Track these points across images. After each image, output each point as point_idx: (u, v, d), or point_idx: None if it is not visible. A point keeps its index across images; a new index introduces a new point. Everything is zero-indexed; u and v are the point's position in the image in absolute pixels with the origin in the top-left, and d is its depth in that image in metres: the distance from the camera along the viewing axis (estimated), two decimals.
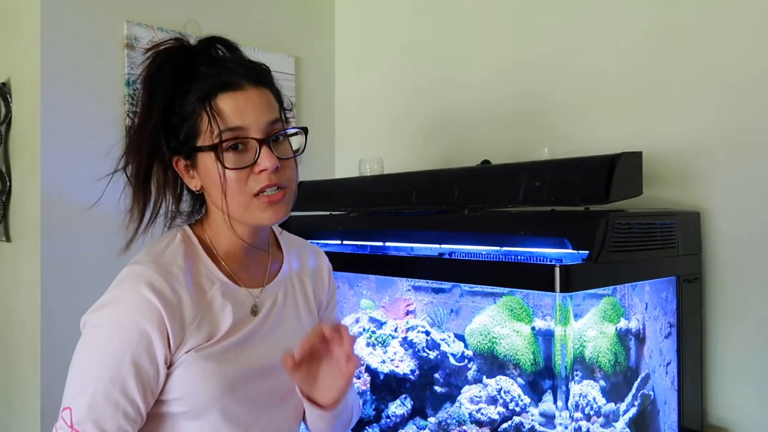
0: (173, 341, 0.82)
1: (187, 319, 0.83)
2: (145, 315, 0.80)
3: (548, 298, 1.20)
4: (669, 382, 1.24)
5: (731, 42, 1.30)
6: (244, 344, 0.88)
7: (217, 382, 0.84)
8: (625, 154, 1.09)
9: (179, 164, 0.88)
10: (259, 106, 0.84)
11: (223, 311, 0.87)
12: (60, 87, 1.66)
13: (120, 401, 0.79)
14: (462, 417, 1.25)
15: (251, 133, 0.83)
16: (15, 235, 1.81)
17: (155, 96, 0.84)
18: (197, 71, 0.84)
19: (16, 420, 1.80)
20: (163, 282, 0.82)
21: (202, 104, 0.83)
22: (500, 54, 1.76)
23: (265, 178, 0.83)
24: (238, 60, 0.88)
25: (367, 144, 2.19)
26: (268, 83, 0.89)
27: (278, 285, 0.96)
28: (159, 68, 0.85)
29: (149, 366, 0.80)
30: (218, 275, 0.89)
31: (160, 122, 0.84)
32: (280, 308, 0.95)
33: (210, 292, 0.87)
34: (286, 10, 2.18)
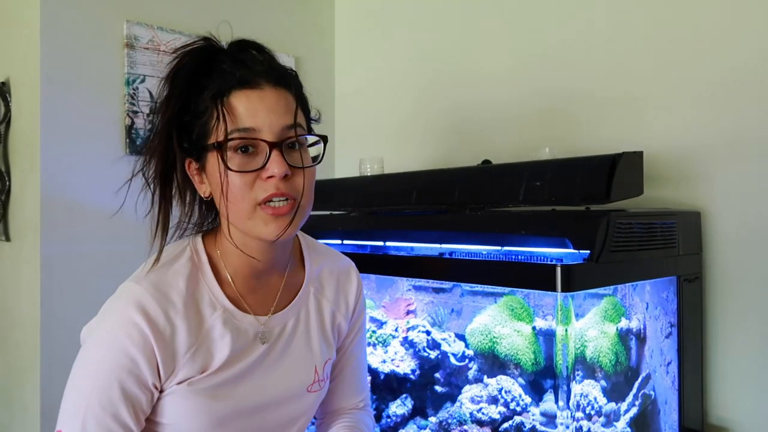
0: (163, 371, 0.78)
1: (179, 350, 0.79)
2: (134, 342, 0.76)
3: (549, 298, 1.20)
4: (670, 381, 1.24)
5: (732, 41, 1.30)
6: (244, 377, 0.84)
7: (206, 418, 0.81)
8: (626, 154, 1.09)
9: (191, 167, 0.83)
10: (275, 107, 0.78)
11: (221, 341, 0.82)
12: (59, 86, 1.66)
13: (112, 426, 0.76)
14: (463, 417, 1.25)
15: (263, 136, 0.77)
16: (14, 234, 1.81)
17: (173, 93, 0.79)
18: (218, 68, 0.79)
19: (15, 420, 1.79)
20: (157, 308, 0.77)
21: (215, 101, 0.77)
22: (501, 54, 1.75)
23: (272, 185, 0.76)
24: (261, 60, 0.81)
25: (367, 144, 2.19)
26: (291, 86, 0.82)
27: (291, 311, 0.90)
28: (181, 66, 0.79)
29: (139, 391, 0.77)
30: (222, 300, 0.83)
31: (176, 122, 0.79)
32: (288, 337, 0.88)
33: (210, 319, 0.81)
34: (287, 10, 2.18)
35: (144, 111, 1.79)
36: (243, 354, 0.84)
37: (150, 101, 1.80)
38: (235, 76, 0.77)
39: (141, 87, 1.78)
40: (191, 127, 0.79)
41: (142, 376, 0.77)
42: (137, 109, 1.78)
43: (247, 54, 0.81)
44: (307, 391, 0.90)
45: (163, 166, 0.81)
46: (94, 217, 1.69)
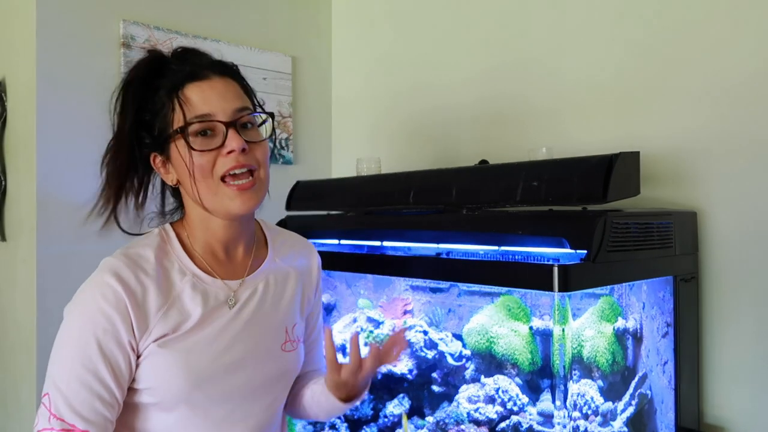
0: (137, 329, 0.84)
1: (151, 309, 0.85)
2: (108, 301, 0.83)
3: (546, 298, 1.20)
4: (666, 381, 1.24)
5: (728, 42, 1.31)
6: (217, 337, 0.90)
7: (184, 376, 0.86)
8: (622, 154, 1.10)
9: (156, 161, 0.91)
10: (225, 93, 0.88)
11: (192, 302, 0.88)
12: (55, 86, 1.65)
13: (93, 385, 0.82)
14: (460, 416, 1.25)
15: (217, 118, 0.86)
16: (10, 234, 1.80)
17: (128, 99, 0.89)
18: (168, 69, 0.89)
19: (11, 421, 1.79)
20: (128, 272, 0.85)
21: (170, 96, 0.86)
22: (498, 53, 1.76)
23: (232, 159, 0.85)
24: (204, 56, 0.92)
25: (364, 144, 2.19)
26: (235, 75, 0.92)
27: (258, 277, 0.97)
28: (134, 76, 0.89)
29: (117, 350, 0.83)
30: (191, 267, 0.91)
31: (136, 123, 0.89)
32: (259, 301, 0.95)
33: (180, 283, 0.89)
34: (283, 10, 2.18)
35: None
36: (214, 315, 0.90)
37: None
38: (185, 71, 0.88)
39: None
40: (152, 124, 0.89)
41: (118, 335, 0.83)
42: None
43: (189, 55, 0.92)
44: (282, 350, 0.97)
45: (126, 165, 0.90)
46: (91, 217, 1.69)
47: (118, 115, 0.90)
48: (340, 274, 1.58)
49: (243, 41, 2.04)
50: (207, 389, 0.88)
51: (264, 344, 0.95)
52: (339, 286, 1.63)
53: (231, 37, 2.01)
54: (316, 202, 1.63)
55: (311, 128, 2.27)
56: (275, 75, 2.12)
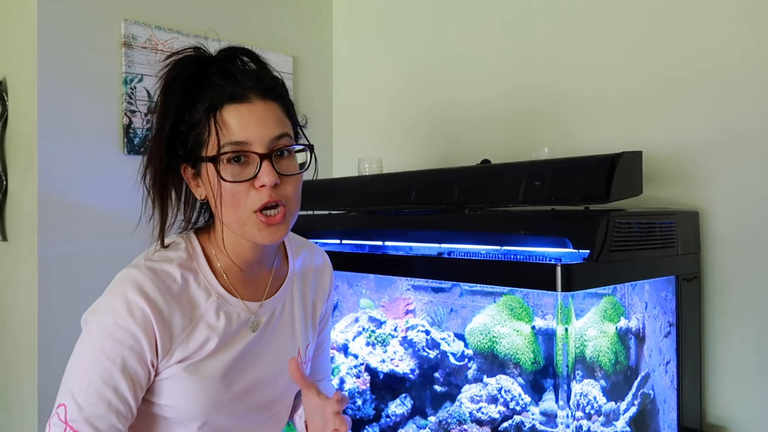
0: (161, 350, 0.83)
1: (176, 330, 0.84)
2: (136, 320, 0.81)
3: (548, 298, 1.20)
4: (668, 381, 1.24)
5: (730, 42, 1.31)
6: (237, 362, 0.89)
7: (203, 399, 0.86)
8: (625, 154, 1.09)
9: (187, 172, 0.88)
10: (265, 120, 0.83)
11: (215, 325, 0.87)
12: (57, 85, 1.65)
13: (112, 400, 0.81)
14: (462, 416, 1.25)
15: (254, 148, 0.82)
16: (11, 234, 1.80)
17: (169, 104, 0.84)
18: (209, 81, 0.84)
19: (13, 421, 1.79)
20: (156, 290, 0.83)
21: (207, 115, 0.82)
22: (499, 53, 1.76)
23: (265, 194, 0.82)
24: (249, 72, 0.86)
25: (366, 143, 2.19)
26: (278, 97, 0.87)
27: (278, 299, 0.96)
28: (175, 77, 0.84)
29: (139, 368, 0.83)
30: (216, 287, 0.89)
31: (172, 130, 0.85)
32: (276, 323, 0.95)
33: (204, 304, 0.87)
34: (284, 10, 2.18)
35: (142, 110, 1.79)
36: (235, 339, 0.89)
37: (148, 100, 1.80)
38: (226, 90, 0.82)
39: (139, 86, 1.78)
40: (186, 137, 0.85)
41: (142, 353, 0.82)
42: (135, 108, 1.77)
43: (235, 64, 0.86)
44: None
45: (161, 170, 0.86)
46: (92, 217, 1.69)
47: (157, 115, 0.86)
48: (342, 274, 1.58)
49: (244, 41, 2.04)
50: (222, 410, 0.89)
51: (278, 367, 0.94)
52: (341, 285, 1.63)
53: (232, 37, 2.00)
54: (318, 202, 1.63)
55: (312, 128, 2.27)
56: None
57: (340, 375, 1.49)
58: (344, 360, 1.51)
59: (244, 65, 0.87)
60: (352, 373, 1.47)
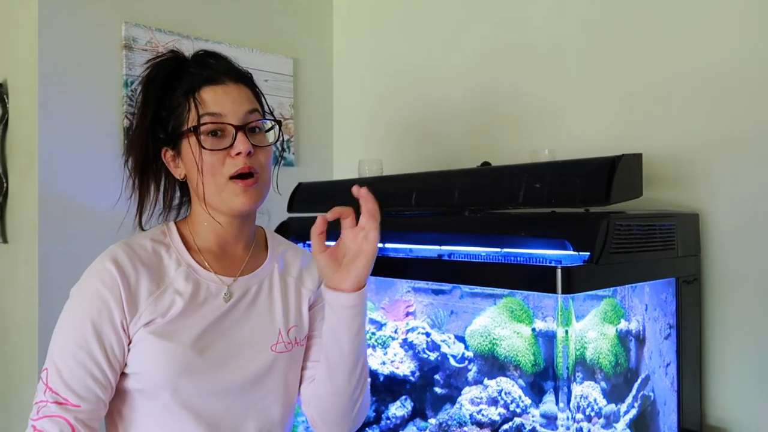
0: (128, 312, 0.89)
1: (142, 293, 0.90)
2: (104, 283, 0.89)
3: (548, 300, 1.20)
4: (669, 383, 1.24)
5: (730, 43, 1.31)
6: (209, 330, 0.92)
7: (170, 363, 0.88)
8: (625, 156, 1.10)
9: (167, 155, 0.97)
10: (237, 98, 0.94)
11: (183, 291, 0.92)
12: (57, 88, 1.65)
13: (87, 364, 0.87)
14: (462, 418, 1.25)
15: (229, 120, 0.92)
16: (12, 236, 1.80)
17: (149, 96, 0.95)
18: (186, 72, 0.95)
19: (12, 422, 1.79)
20: (125, 257, 0.91)
21: (187, 96, 0.93)
22: (500, 55, 1.76)
23: (240, 161, 0.91)
24: (223, 62, 0.97)
25: (366, 145, 2.19)
26: (248, 83, 0.98)
27: (255, 278, 1.00)
28: (155, 74, 0.96)
29: (111, 332, 0.88)
30: (187, 259, 0.96)
31: (153, 119, 0.95)
32: (251, 301, 0.98)
33: (173, 272, 0.94)
34: (284, 12, 2.18)
35: None
36: (205, 307, 0.93)
37: None
38: (203, 75, 0.94)
39: (139, 89, 1.78)
40: (167, 121, 0.95)
41: (112, 317, 0.88)
42: (135, 110, 1.77)
43: (209, 60, 0.97)
44: (271, 351, 0.98)
45: (142, 157, 0.96)
46: (92, 218, 1.69)
47: (137, 109, 0.97)
48: None
49: (244, 43, 2.04)
50: (191, 381, 0.89)
51: (252, 343, 0.96)
52: None
53: (232, 39, 2.01)
54: (318, 204, 1.63)
55: (313, 130, 2.27)
56: (277, 77, 2.13)
57: None
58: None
59: (217, 61, 0.97)
60: None
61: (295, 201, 1.66)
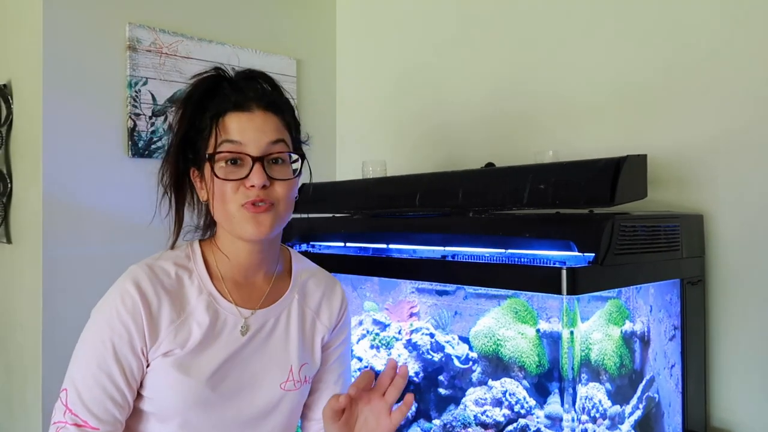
0: (149, 339, 0.88)
1: (164, 322, 0.89)
2: (126, 308, 0.87)
3: (553, 301, 1.20)
4: (673, 384, 1.24)
5: (734, 45, 1.31)
6: (219, 363, 0.91)
7: (183, 396, 0.88)
8: (629, 157, 1.09)
9: (194, 175, 0.96)
10: (262, 127, 0.90)
11: (203, 322, 0.91)
12: (62, 89, 1.66)
13: (107, 386, 0.86)
14: (467, 419, 1.25)
15: (248, 150, 0.89)
16: (16, 237, 1.81)
17: (184, 114, 0.93)
18: (220, 93, 0.92)
19: (17, 424, 1.79)
20: (148, 282, 0.89)
21: (212, 121, 0.91)
22: (504, 56, 1.76)
23: (253, 193, 0.88)
24: (258, 88, 0.94)
25: (369, 146, 2.19)
26: (279, 110, 0.94)
27: (273, 311, 0.98)
28: (194, 91, 0.93)
29: (131, 355, 0.88)
30: (209, 287, 0.94)
31: (184, 137, 0.93)
32: (268, 334, 0.97)
33: (194, 301, 0.92)
34: (288, 13, 2.18)
35: (146, 113, 1.79)
36: (221, 340, 0.92)
37: (152, 103, 1.80)
38: (231, 100, 0.91)
39: (143, 89, 1.78)
40: (196, 142, 0.93)
41: (132, 341, 0.88)
42: (139, 111, 1.78)
43: (250, 82, 0.94)
44: (280, 389, 0.97)
45: (175, 175, 0.95)
46: (97, 220, 1.69)
47: (174, 126, 0.95)
48: (346, 277, 1.57)
49: (248, 44, 2.04)
50: (202, 413, 0.90)
51: (263, 379, 0.96)
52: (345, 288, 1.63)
53: (236, 39, 2.01)
54: (322, 205, 1.63)
55: (316, 131, 2.26)
56: (280, 78, 2.10)
57: None
58: None
59: (257, 84, 0.94)
60: (356, 375, 1.46)
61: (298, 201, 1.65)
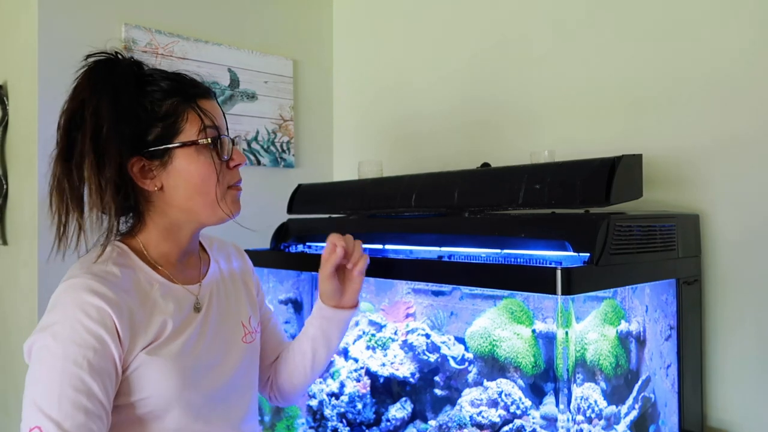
0: (124, 341, 0.84)
1: (136, 319, 0.86)
2: (93, 319, 0.82)
3: (548, 301, 1.20)
4: (669, 384, 1.24)
5: (730, 45, 1.31)
6: (196, 340, 0.94)
7: (177, 378, 0.89)
8: (625, 157, 1.09)
9: (134, 167, 0.90)
10: (222, 112, 0.99)
11: (166, 310, 0.92)
12: (57, 90, 1.64)
13: (89, 406, 0.79)
14: (462, 420, 1.25)
15: (224, 133, 0.97)
16: (11, 238, 1.80)
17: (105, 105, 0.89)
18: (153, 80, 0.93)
19: (13, 426, 1.78)
20: (105, 287, 0.84)
21: (188, 105, 0.92)
22: (500, 56, 1.76)
23: (237, 172, 0.98)
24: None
25: (366, 147, 2.19)
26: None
27: (211, 280, 1.04)
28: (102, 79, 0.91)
29: (109, 366, 0.82)
30: (155, 277, 0.94)
31: (121, 125, 0.88)
32: (217, 302, 1.02)
33: (151, 293, 0.91)
34: (284, 13, 2.18)
35: None
36: (187, 319, 0.95)
37: None
38: (199, 88, 0.96)
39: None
40: (147, 129, 0.90)
41: (107, 351, 0.82)
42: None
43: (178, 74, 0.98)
44: (243, 342, 1.05)
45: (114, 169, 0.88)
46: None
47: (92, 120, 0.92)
48: None
49: (244, 45, 2.04)
50: (196, 390, 0.92)
51: (230, 340, 1.02)
52: None
53: (232, 40, 2.01)
54: (318, 206, 1.63)
55: (312, 131, 2.27)
56: (276, 78, 2.13)
57: (340, 379, 1.49)
58: (344, 364, 1.50)
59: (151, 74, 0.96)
60: (353, 377, 1.46)
61: (294, 202, 1.66)
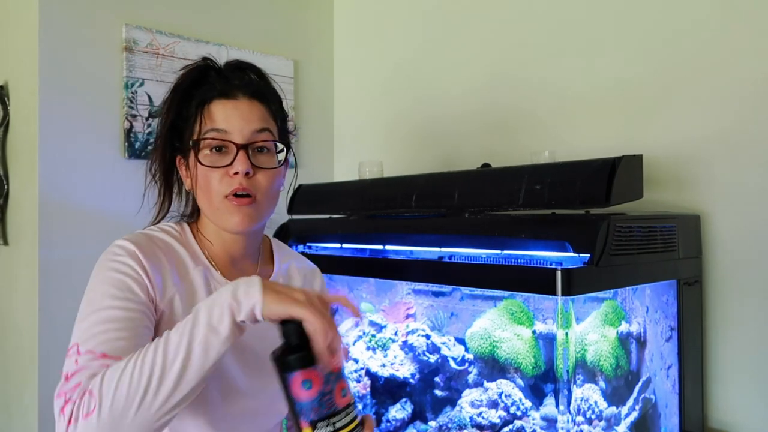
0: (155, 283, 0.84)
1: (168, 282, 0.86)
2: (133, 258, 0.84)
3: (549, 302, 1.20)
4: (670, 385, 1.24)
5: (731, 46, 1.30)
6: None
7: None
8: (625, 157, 1.09)
9: (181, 164, 0.95)
10: (248, 115, 0.89)
11: (200, 294, 0.89)
12: (58, 90, 1.66)
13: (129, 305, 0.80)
14: (463, 421, 1.24)
15: (233, 138, 0.88)
16: (12, 238, 1.80)
17: (172, 103, 0.93)
18: (206, 82, 0.92)
19: (14, 425, 1.78)
20: (146, 246, 0.86)
21: (197, 108, 0.90)
22: (501, 57, 1.76)
23: (236, 181, 0.87)
24: (244, 76, 0.94)
25: (366, 147, 2.19)
26: (265, 100, 0.93)
27: None
28: (182, 82, 0.93)
29: (144, 296, 0.82)
30: (204, 261, 0.92)
31: (171, 126, 0.93)
32: None
33: (192, 271, 0.90)
34: (285, 14, 2.18)
35: (143, 114, 1.79)
36: None
37: (149, 105, 1.80)
38: (216, 88, 0.91)
39: (140, 90, 1.78)
40: (183, 130, 0.92)
41: (143, 283, 0.83)
42: (136, 112, 1.77)
43: (237, 72, 0.94)
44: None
45: (163, 163, 0.95)
46: (93, 221, 1.69)
47: (161, 116, 0.94)
48: (342, 278, 1.57)
49: (245, 45, 2.04)
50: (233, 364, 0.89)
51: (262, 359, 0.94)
52: (341, 289, 1.63)
53: (233, 40, 2.01)
54: (319, 206, 1.63)
55: (313, 132, 2.27)
56: (277, 78, 2.08)
57: None
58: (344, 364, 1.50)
59: (244, 74, 0.94)
60: (353, 377, 1.46)
61: (295, 203, 1.65)
